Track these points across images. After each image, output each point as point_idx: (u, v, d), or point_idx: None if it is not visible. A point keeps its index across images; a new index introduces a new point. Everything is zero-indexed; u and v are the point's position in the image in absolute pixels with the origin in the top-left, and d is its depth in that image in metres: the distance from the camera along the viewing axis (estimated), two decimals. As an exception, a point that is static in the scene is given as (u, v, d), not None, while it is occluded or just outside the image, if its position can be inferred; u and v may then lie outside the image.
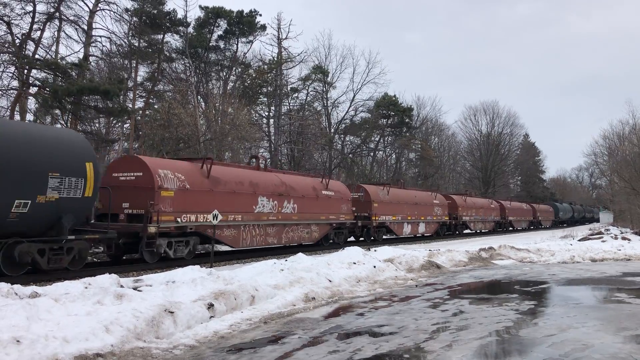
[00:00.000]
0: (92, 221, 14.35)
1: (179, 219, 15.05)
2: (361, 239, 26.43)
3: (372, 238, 26.32)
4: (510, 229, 48.28)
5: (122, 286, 8.66)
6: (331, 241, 23.19)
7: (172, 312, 7.16)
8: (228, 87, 39.07)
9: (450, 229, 36.82)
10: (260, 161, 20.91)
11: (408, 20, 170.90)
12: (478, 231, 41.41)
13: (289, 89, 44.49)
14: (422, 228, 31.61)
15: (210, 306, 7.92)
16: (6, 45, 23.30)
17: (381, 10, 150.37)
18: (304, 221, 20.70)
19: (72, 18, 25.75)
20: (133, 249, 14.94)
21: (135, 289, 8.65)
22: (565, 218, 68.84)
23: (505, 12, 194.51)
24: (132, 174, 14.93)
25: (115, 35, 28.15)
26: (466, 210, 38.55)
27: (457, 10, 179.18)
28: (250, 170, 19.59)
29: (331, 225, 22.77)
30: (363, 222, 25.67)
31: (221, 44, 40.46)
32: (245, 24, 39.30)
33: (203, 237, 16.46)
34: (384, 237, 28.54)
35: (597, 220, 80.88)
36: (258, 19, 40.07)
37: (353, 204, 24.88)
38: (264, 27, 40.73)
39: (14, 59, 22.88)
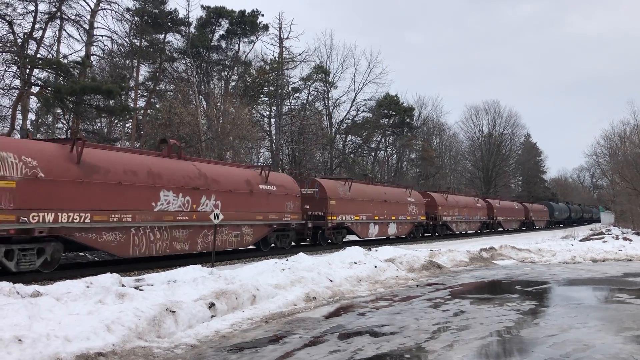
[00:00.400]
0: None
1: (24, 219, 11.34)
2: (317, 242, 23.05)
3: (328, 241, 23.08)
4: (500, 230, 45.50)
5: (123, 285, 8.68)
6: (272, 245, 19.62)
7: (173, 312, 7.17)
8: (229, 87, 39.12)
9: (429, 230, 33.60)
10: (172, 146, 16.68)
11: (411, 20, 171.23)
12: (462, 232, 38.33)
13: (290, 88, 44.53)
14: (392, 229, 28.14)
15: (212, 305, 7.93)
16: (8, 45, 23.34)
17: (384, 11, 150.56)
18: (230, 222, 16.92)
19: (73, 17, 25.87)
20: None
21: (136, 288, 8.67)
22: (561, 218, 66.54)
23: (508, 13, 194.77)
24: None
25: (117, 34, 28.24)
26: (447, 209, 35.29)
27: (460, 11, 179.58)
28: (150, 157, 15.64)
29: (270, 226, 19.11)
30: (315, 222, 22.02)
31: (223, 44, 40.53)
32: (247, 24, 39.35)
33: (69, 244, 12.93)
34: (345, 239, 24.90)
35: (597, 221, 79.05)
36: (260, 19, 40.17)
37: (306, 202, 21.88)
38: (266, 27, 40.81)
39: (16, 58, 22.93)
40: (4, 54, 23.26)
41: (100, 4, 27.03)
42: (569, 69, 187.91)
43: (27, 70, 23.21)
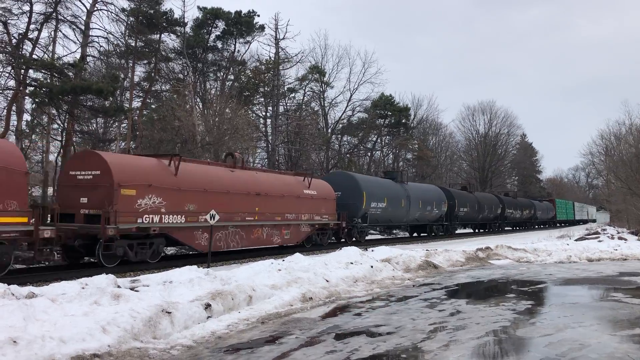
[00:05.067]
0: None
1: None
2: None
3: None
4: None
5: (119, 286, 8.64)
6: None
7: (169, 313, 7.15)
8: (225, 87, 39.07)
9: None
10: None
11: (421, 24, 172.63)
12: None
13: (285, 89, 44.50)
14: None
15: (208, 306, 7.91)
16: (2, 45, 23.23)
17: (394, 14, 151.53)
18: None
19: (69, 18, 25.72)
20: None
21: (132, 289, 8.63)
22: (429, 218, 31.85)
23: (517, 17, 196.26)
24: None
25: (113, 35, 28.10)
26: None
27: (469, 15, 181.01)
28: None
29: None
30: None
31: (219, 44, 40.47)
32: (243, 24, 39.29)
33: None
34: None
35: (553, 223, 61.05)
36: (256, 19, 40.11)
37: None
38: (262, 28, 40.72)
39: (10, 58, 22.82)
40: (-2, 54, 23.15)
41: (96, 5, 26.90)
42: (573, 72, 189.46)
43: (22, 71, 23.09)
